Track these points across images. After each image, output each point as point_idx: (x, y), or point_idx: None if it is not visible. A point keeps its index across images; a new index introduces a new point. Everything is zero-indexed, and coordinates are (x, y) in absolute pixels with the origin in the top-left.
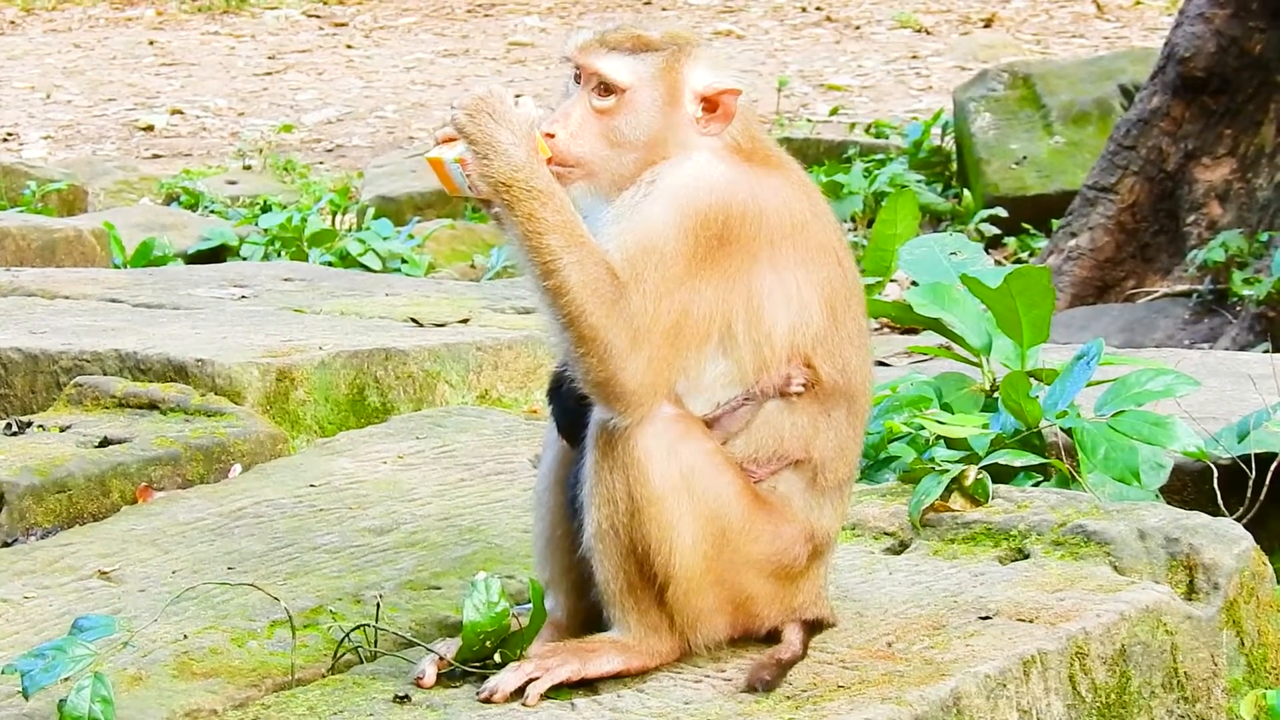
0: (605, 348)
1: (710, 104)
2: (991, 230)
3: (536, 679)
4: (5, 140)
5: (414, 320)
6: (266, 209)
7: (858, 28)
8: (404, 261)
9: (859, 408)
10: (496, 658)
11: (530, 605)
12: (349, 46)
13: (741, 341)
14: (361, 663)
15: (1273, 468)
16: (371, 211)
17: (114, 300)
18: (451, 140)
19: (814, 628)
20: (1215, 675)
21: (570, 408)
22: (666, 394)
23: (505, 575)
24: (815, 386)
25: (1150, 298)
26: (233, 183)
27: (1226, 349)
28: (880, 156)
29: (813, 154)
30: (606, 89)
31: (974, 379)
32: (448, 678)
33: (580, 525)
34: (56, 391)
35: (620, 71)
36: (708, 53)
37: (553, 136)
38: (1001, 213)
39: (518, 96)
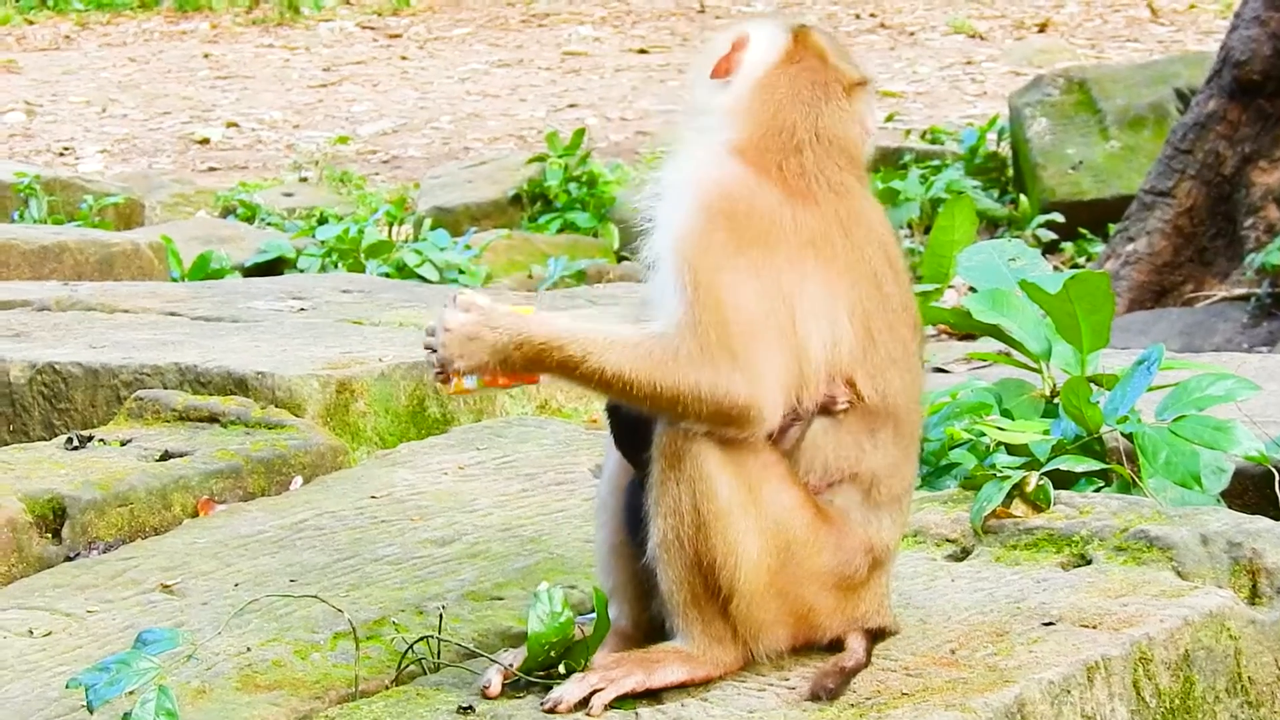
0: (694, 388)
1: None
2: (1048, 236)
3: (601, 690)
4: (62, 155)
5: None
6: (323, 221)
7: (912, 34)
8: (461, 272)
9: (906, 429)
10: (561, 668)
11: (594, 614)
12: (403, 58)
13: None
14: (425, 674)
15: None
16: (428, 222)
17: (173, 314)
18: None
19: (877, 636)
20: (1279, 679)
21: (628, 424)
22: (781, 390)
23: (568, 585)
24: (859, 405)
25: (1208, 301)
26: (289, 195)
27: None
28: (936, 163)
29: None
30: None
31: (1034, 385)
32: (512, 688)
33: (641, 533)
34: (117, 405)
35: None
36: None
37: None
38: (1058, 218)
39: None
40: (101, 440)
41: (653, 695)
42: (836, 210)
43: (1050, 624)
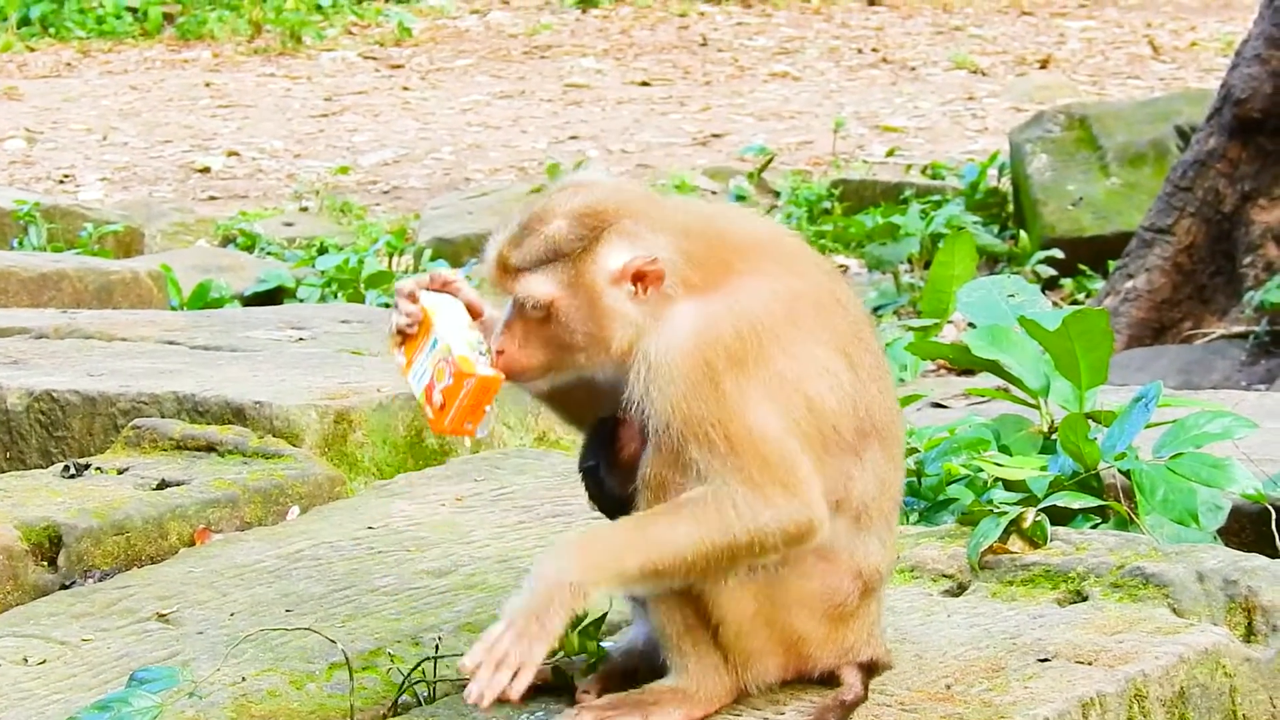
0: (752, 535)
1: (638, 277)
2: (1048, 272)
3: None
4: (62, 182)
5: None
6: (323, 251)
7: (914, 69)
8: None
9: (891, 439)
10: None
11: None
12: (405, 88)
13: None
14: (420, 705)
15: None
16: (428, 253)
17: (171, 342)
18: None
19: (871, 669)
20: (1274, 717)
21: (604, 484)
22: (816, 484)
23: None
24: (841, 441)
25: (1207, 339)
26: (289, 224)
27: None
28: (937, 198)
29: (869, 195)
30: (534, 303)
31: (1032, 421)
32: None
33: None
34: (114, 434)
35: (537, 289)
36: (621, 228)
37: (503, 352)
38: (1058, 254)
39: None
40: (98, 468)
41: None
42: (778, 253)
43: (1046, 660)
